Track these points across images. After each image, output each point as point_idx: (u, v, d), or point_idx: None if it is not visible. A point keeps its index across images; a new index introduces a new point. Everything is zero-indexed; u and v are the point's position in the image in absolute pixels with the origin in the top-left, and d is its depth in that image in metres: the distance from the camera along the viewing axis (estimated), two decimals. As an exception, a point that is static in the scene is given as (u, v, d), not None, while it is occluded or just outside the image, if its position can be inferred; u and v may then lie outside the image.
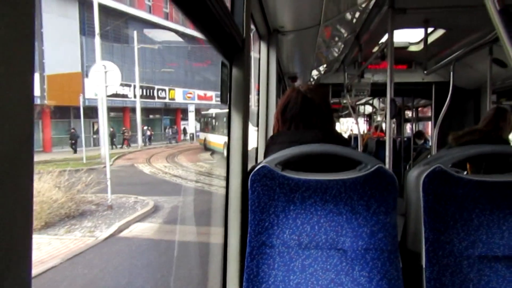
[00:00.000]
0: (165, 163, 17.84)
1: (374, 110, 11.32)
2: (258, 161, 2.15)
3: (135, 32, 26.50)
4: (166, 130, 31.43)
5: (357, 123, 6.91)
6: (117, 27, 25.76)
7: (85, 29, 24.18)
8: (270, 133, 2.02)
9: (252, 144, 1.88)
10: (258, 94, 2.87)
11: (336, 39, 3.70)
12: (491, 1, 1.33)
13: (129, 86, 26.82)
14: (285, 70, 4.15)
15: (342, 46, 4.07)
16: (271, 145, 1.53)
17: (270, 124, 2.72)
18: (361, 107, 11.87)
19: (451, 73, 3.85)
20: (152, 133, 29.18)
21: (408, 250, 1.39)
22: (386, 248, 1.26)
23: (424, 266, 1.27)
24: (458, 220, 1.28)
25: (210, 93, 34.06)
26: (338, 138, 1.55)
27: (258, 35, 2.68)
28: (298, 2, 2.34)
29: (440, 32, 3.76)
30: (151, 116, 31.87)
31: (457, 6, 2.77)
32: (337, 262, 1.27)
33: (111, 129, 23.43)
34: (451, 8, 2.84)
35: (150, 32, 28.58)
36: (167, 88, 31.30)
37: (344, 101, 8.60)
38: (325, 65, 5.04)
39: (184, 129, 32.22)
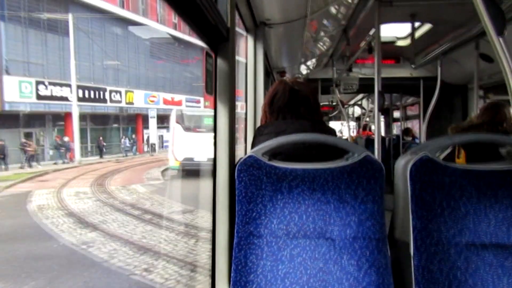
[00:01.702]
0: (86, 187, 13.61)
1: (363, 112, 11.35)
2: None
3: (69, 16, 20.23)
4: (122, 141, 26.09)
5: (347, 122, 6.93)
6: (53, 13, 20.20)
7: (4, 13, 18.41)
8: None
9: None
10: (246, 101, 2.86)
11: (324, 33, 3.70)
12: None
13: (70, 86, 20.82)
14: (273, 64, 4.14)
15: (330, 40, 4.07)
16: (258, 136, 1.52)
17: (258, 118, 2.71)
18: (350, 109, 11.93)
19: (439, 68, 3.88)
20: (104, 143, 24.60)
21: (397, 239, 1.39)
22: (374, 237, 1.26)
23: (412, 254, 1.27)
24: (445, 208, 1.28)
25: (179, 97, 28.20)
26: (326, 129, 1.55)
27: (245, 28, 2.67)
28: None
29: (427, 26, 3.78)
30: (115, 124, 26.27)
31: None
32: (325, 251, 1.26)
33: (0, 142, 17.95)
34: (437, 1, 2.86)
35: (136, 30, 25.08)
36: (123, 90, 25.13)
37: (334, 103, 8.65)
38: (314, 60, 5.04)
39: (147, 139, 27.24)
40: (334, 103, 9.12)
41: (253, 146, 1.51)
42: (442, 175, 1.28)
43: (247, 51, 2.77)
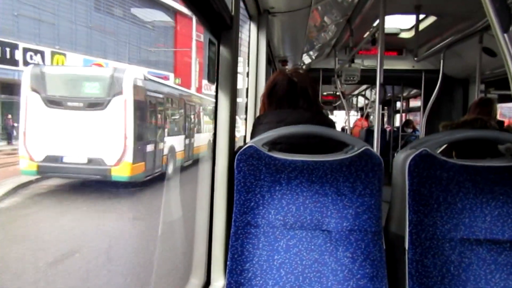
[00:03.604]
0: None
1: (366, 102, 11.31)
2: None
3: None
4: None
5: (348, 113, 6.91)
6: None
7: None
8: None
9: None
10: (247, 89, 2.83)
11: (327, 22, 3.67)
12: None
13: None
14: (275, 52, 4.11)
15: (334, 30, 4.03)
16: (257, 125, 1.52)
17: (259, 106, 2.70)
18: (354, 99, 11.88)
19: (441, 61, 3.86)
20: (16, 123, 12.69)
21: (392, 233, 1.40)
22: (370, 230, 1.27)
23: (407, 248, 1.28)
24: (442, 203, 1.29)
25: (139, 69, 15.99)
26: (325, 120, 1.55)
27: (248, 16, 2.65)
28: None
29: (431, 19, 3.76)
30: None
31: None
32: (321, 243, 1.27)
33: None
34: None
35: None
36: (47, 50, 16.43)
37: (337, 93, 8.62)
38: (316, 50, 5.01)
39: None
40: (338, 93, 9.13)
41: (252, 135, 1.51)
42: (440, 170, 1.29)
43: (249, 39, 2.75)
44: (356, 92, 10.17)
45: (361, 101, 12.03)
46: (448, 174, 1.29)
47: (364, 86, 9.02)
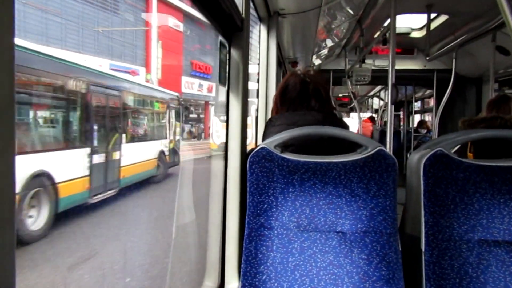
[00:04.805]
0: None
1: (380, 105, 11.15)
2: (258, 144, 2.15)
3: None
4: None
5: (358, 115, 6.86)
6: None
7: None
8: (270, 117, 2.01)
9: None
10: (257, 91, 2.82)
11: (338, 23, 3.65)
12: None
13: None
14: (285, 54, 4.11)
15: (344, 30, 4.01)
16: (270, 127, 1.51)
17: (270, 108, 2.70)
18: (370, 101, 11.77)
19: (454, 60, 3.82)
20: None
21: (408, 234, 1.38)
22: (385, 231, 1.25)
23: (423, 249, 1.27)
24: (459, 204, 1.27)
25: (99, 61, 12.18)
26: (338, 121, 1.54)
27: (258, 18, 2.65)
28: None
29: (443, 18, 3.71)
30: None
31: None
32: (336, 245, 1.26)
33: None
34: None
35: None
36: None
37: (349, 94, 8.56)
38: (326, 50, 4.99)
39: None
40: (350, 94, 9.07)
41: (264, 137, 1.51)
42: (456, 171, 1.27)
43: (260, 41, 2.75)
44: (371, 93, 10.11)
45: (376, 103, 11.91)
46: (464, 175, 1.27)
47: (378, 88, 8.96)
